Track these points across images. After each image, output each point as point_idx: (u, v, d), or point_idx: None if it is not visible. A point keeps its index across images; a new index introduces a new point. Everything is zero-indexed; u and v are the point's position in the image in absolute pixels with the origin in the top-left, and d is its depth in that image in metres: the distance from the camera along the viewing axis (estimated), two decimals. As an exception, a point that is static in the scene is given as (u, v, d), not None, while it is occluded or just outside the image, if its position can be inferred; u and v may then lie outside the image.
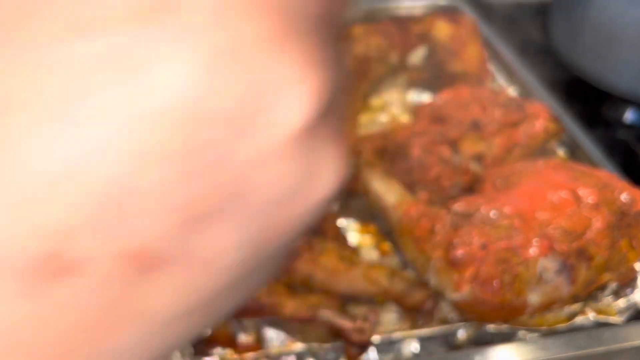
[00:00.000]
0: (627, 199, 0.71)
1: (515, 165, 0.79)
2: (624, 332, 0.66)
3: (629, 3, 1.02)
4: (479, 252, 0.64)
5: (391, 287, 0.68)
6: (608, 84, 1.11)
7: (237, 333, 0.68)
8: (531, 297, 0.64)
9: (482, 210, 0.68)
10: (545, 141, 0.89)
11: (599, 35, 1.07)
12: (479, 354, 0.63)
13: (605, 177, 0.74)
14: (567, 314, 0.69)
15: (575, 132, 0.93)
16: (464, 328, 0.67)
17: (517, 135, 0.84)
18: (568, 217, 0.67)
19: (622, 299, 0.70)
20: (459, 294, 0.64)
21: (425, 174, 0.81)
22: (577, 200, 0.69)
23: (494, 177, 0.79)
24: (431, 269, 0.67)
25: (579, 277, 0.65)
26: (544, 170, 0.75)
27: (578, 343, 0.64)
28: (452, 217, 0.68)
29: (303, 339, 0.66)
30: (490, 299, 0.63)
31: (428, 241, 0.67)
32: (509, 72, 1.10)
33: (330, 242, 0.69)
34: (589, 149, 0.90)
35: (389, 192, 0.74)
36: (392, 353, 0.66)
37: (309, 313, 0.65)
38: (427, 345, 0.67)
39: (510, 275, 0.63)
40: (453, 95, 0.92)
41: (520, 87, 1.06)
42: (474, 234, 0.65)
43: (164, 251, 0.15)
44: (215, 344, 0.66)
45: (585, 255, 0.65)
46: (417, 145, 0.81)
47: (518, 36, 1.34)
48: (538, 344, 0.64)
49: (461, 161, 0.82)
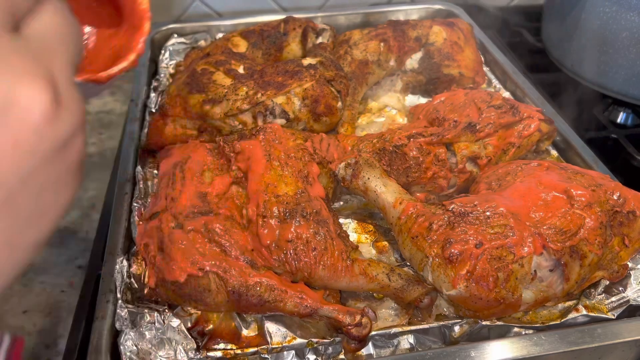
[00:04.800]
0: (619, 198, 0.72)
1: (510, 165, 0.80)
2: (616, 329, 0.66)
3: (621, 7, 1.03)
4: (474, 250, 0.65)
5: (389, 283, 0.69)
6: (600, 86, 1.12)
7: (240, 328, 0.69)
8: (525, 294, 0.65)
9: (478, 209, 0.69)
10: (539, 142, 0.90)
11: (591, 38, 1.08)
12: (474, 349, 0.63)
13: (597, 177, 0.75)
14: (561, 310, 0.70)
15: (568, 133, 0.94)
16: (459, 324, 0.68)
17: (512, 136, 0.85)
18: (561, 216, 0.68)
19: (614, 296, 0.71)
20: (455, 290, 0.65)
21: (422, 174, 0.82)
22: (570, 199, 0.70)
23: (489, 177, 0.80)
24: (428, 266, 0.68)
25: (572, 274, 0.66)
26: (538, 170, 0.76)
27: (571, 339, 0.64)
28: (449, 216, 0.69)
29: (303, 334, 0.67)
30: (486, 295, 0.64)
31: (425, 239, 0.68)
32: (504, 74, 1.11)
33: (334, 240, 0.69)
34: (581, 149, 0.91)
35: (387, 192, 0.75)
36: (390, 347, 0.67)
37: (309, 309, 0.65)
38: (423, 340, 0.68)
39: (505, 273, 0.64)
40: (449, 98, 0.93)
41: (515, 89, 1.07)
42: (469, 233, 0.66)
43: None
44: (218, 339, 0.67)
45: (578, 253, 0.66)
46: (414, 146, 0.82)
47: (512, 40, 1.35)
48: (532, 339, 0.64)
49: (457, 161, 0.83)
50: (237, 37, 1.07)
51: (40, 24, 0.26)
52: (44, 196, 0.25)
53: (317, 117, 0.91)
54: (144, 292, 0.69)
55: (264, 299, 0.65)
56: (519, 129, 0.86)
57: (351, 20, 1.27)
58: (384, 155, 0.82)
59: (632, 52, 1.03)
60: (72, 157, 0.27)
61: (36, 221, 0.26)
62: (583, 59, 1.12)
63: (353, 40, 1.06)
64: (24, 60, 0.24)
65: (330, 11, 1.27)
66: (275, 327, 0.68)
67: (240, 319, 0.69)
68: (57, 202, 0.26)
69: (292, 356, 0.66)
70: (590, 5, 1.07)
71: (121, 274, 0.70)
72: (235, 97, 0.88)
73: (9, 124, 0.22)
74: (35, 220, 0.26)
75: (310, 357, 0.66)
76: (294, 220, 0.69)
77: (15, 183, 0.24)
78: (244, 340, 0.67)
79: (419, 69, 1.07)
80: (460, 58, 1.05)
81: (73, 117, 0.26)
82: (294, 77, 0.90)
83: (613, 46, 1.05)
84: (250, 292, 0.65)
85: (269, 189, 0.71)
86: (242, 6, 1.38)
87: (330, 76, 0.93)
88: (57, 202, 0.26)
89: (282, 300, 0.65)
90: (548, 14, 1.23)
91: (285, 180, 0.73)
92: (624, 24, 1.02)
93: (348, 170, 0.78)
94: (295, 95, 0.89)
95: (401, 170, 0.82)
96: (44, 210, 0.26)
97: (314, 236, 0.68)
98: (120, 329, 0.65)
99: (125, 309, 0.66)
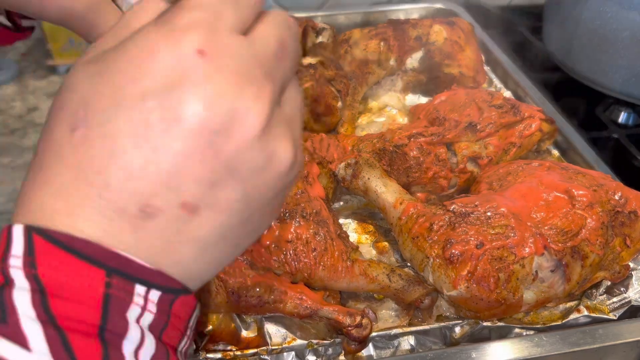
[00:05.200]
0: (621, 198, 0.72)
1: (511, 165, 0.80)
2: (617, 329, 0.66)
3: (622, 7, 1.02)
4: (475, 251, 0.65)
5: (390, 284, 0.69)
6: (601, 86, 1.12)
7: (239, 329, 0.68)
8: (526, 294, 0.65)
9: (479, 209, 0.69)
10: (540, 142, 0.90)
11: (592, 38, 1.08)
12: (475, 350, 0.63)
13: (599, 177, 0.75)
14: (562, 311, 0.70)
15: (569, 132, 0.94)
16: (460, 325, 0.68)
17: (513, 136, 0.85)
18: (563, 217, 0.68)
19: (616, 297, 0.71)
20: (455, 291, 0.65)
21: (422, 174, 0.82)
22: (572, 199, 0.70)
23: (490, 177, 0.79)
24: (429, 266, 0.67)
25: (574, 275, 0.66)
26: (539, 170, 0.76)
27: (572, 340, 0.64)
28: (449, 217, 0.69)
29: (303, 335, 0.67)
30: (486, 296, 0.64)
31: (426, 239, 0.68)
32: (505, 74, 1.11)
33: (334, 241, 0.69)
34: (583, 149, 0.91)
35: (388, 192, 0.75)
36: (390, 348, 0.67)
37: (309, 310, 0.65)
38: (424, 341, 0.67)
39: (506, 274, 0.64)
40: (450, 97, 0.93)
41: (516, 88, 1.07)
42: (470, 233, 0.66)
43: (202, 202, 0.31)
44: (217, 340, 0.67)
45: (580, 254, 0.66)
46: (414, 146, 0.82)
47: (513, 39, 1.35)
48: (533, 340, 0.64)
49: (458, 161, 0.83)
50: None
51: (290, 102, 0.35)
52: (264, 218, 0.36)
53: (317, 117, 0.90)
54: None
55: (264, 300, 0.65)
56: (520, 128, 0.86)
57: (351, 20, 1.27)
58: (384, 155, 0.82)
59: (633, 51, 1.03)
60: (285, 196, 0.37)
61: (253, 233, 0.36)
62: (584, 58, 1.12)
63: (353, 39, 1.06)
64: (285, 129, 0.33)
65: (330, 10, 1.27)
66: (275, 328, 0.68)
67: (240, 320, 0.69)
68: (266, 223, 0.37)
69: (292, 357, 0.66)
70: (591, 5, 1.07)
71: (120, 275, 0.70)
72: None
73: (267, 170, 0.32)
74: (254, 232, 0.36)
75: (310, 358, 0.66)
76: (294, 221, 0.69)
77: (256, 207, 0.34)
78: (243, 341, 0.67)
79: (420, 68, 1.07)
80: (461, 57, 1.05)
81: (300, 167, 0.36)
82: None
83: (614, 45, 1.05)
84: (249, 293, 0.65)
85: (269, 189, 0.71)
86: (242, 5, 1.37)
87: (330, 76, 0.92)
88: (266, 223, 0.37)
89: (282, 301, 0.65)
90: (549, 13, 1.22)
91: (285, 180, 0.73)
92: (625, 23, 1.02)
93: (348, 171, 0.78)
94: (295, 94, 0.89)
95: (401, 170, 0.81)
96: (259, 227, 0.36)
97: (313, 237, 0.68)
98: (119, 330, 0.65)
99: (125, 310, 0.65)
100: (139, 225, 0.30)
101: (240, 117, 0.30)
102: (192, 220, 0.31)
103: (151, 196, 0.30)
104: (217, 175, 0.31)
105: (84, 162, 0.29)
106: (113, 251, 0.29)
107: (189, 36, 0.30)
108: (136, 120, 0.29)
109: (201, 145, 0.30)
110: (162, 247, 0.31)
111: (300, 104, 0.36)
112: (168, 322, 0.32)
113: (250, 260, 0.68)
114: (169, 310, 0.32)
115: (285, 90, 0.35)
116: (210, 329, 0.68)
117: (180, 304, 0.33)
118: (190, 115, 0.29)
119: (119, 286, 0.29)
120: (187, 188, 0.30)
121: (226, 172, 0.31)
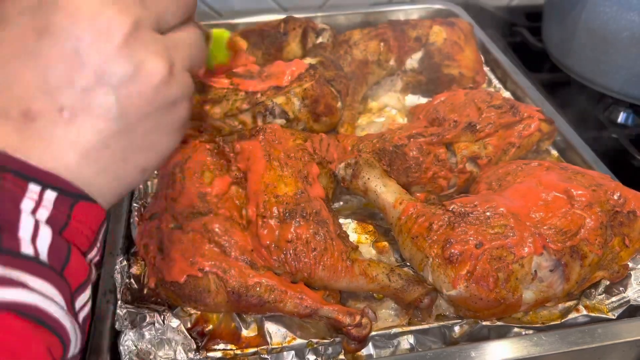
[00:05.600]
0: (620, 198, 0.72)
1: (510, 165, 0.80)
2: (616, 329, 0.66)
3: (622, 7, 1.03)
4: (474, 251, 0.65)
5: (389, 284, 0.69)
6: (601, 86, 1.12)
7: (239, 329, 0.69)
8: (525, 294, 0.65)
9: (478, 209, 0.69)
10: (539, 142, 0.90)
11: (592, 38, 1.08)
12: (474, 349, 0.63)
13: (598, 177, 0.75)
14: (561, 310, 0.70)
15: (568, 132, 0.94)
16: (459, 324, 0.68)
17: (512, 136, 0.85)
18: (562, 217, 0.68)
19: (615, 297, 0.71)
20: (455, 290, 0.65)
21: (422, 174, 0.82)
22: (571, 199, 0.70)
23: (489, 177, 0.80)
24: (428, 266, 0.68)
25: (573, 275, 0.66)
26: (538, 170, 0.76)
27: (571, 339, 0.64)
28: (449, 216, 0.69)
29: (303, 334, 0.67)
30: (486, 296, 0.64)
31: (425, 239, 0.68)
32: (504, 74, 1.11)
33: (334, 241, 0.69)
34: (582, 149, 0.91)
35: (388, 192, 0.75)
36: (390, 348, 0.67)
37: (309, 309, 0.65)
38: (423, 341, 0.68)
39: (505, 273, 0.64)
40: (449, 98, 0.93)
41: (515, 89, 1.07)
42: (470, 233, 0.66)
43: (77, 106, 0.35)
44: (217, 339, 0.67)
45: (579, 253, 0.66)
46: (414, 146, 0.82)
47: (513, 39, 1.35)
48: (532, 340, 0.64)
49: (457, 161, 0.83)
50: (237, 37, 1.07)
51: (177, 34, 0.40)
52: (152, 135, 0.38)
53: (317, 117, 0.91)
54: (144, 292, 0.69)
55: (264, 300, 0.65)
56: (519, 128, 0.86)
57: (351, 20, 1.27)
58: (384, 155, 0.82)
59: (632, 51, 1.03)
60: (177, 114, 0.40)
61: (144, 150, 0.39)
62: (583, 58, 1.12)
63: (353, 40, 1.06)
64: (157, 46, 0.37)
65: (330, 11, 1.27)
66: (275, 328, 0.68)
67: (240, 320, 0.69)
68: (160, 143, 0.40)
69: (292, 356, 0.66)
70: (591, 5, 1.07)
71: (121, 275, 0.70)
72: (235, 97, 0.88)
73: (137, 80, 0.36)
74: (144, 149, 0.39)
75: (310, 357, 0.66)
76: (294, 221, 0.69)
77: (134, 118, 0.37)
78: (243, 341, 0.67)
79: (419, 68, 1.07)
80: (460, 58, 1.05)
81: (180, 87, 0.39)
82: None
83: (613, 46, 1.05)
84: (250, 293, 0.65)
85: (269, 189, 0.71)
86: (242, 6, 1.38)
87: (330, 76, 0.93)
88: (160, 144, 0.40)
89: (282, 300, 0.65)
90: (548, 13, 1.23)
91: (285, 180, 0.73)
92: (625, 23, 1.02)
93: (348, 171, 0.78)
94: (295, 95, 0.89)
95: (401, 170, 0.81)
96: (150, 145, 0.39)
97: (313, 236, 0.68)
98: (120, 329, 0.65)
99: (125, 310, 0.65)
100: (22, 128, 0.34)
101: (103, 27, 0.35)
102: (72, 124, 0.35)
103: (30, 100, 0.34)
104: (87, 80, 0.35)
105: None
106: (3, 152, 0.34)
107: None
108: (14, 32, 0.34)
109: (67, 52, 0.34)
110: (46, 149, 0.35)
111: (194, 43, 0.42)
112: (69, 222, 0.36)
113: (250, 260, 0.68)
114: (70, 212, 0.36)
115: (177, 29, 0.41)
116: (211, 328, 0.68)
117: (82, 209, 0.37)
118: (57, 22, 0.34)
119: (12, 181, 0.34)
120: (60, 92, 0.34)
121: (95, 77, 0.35)
